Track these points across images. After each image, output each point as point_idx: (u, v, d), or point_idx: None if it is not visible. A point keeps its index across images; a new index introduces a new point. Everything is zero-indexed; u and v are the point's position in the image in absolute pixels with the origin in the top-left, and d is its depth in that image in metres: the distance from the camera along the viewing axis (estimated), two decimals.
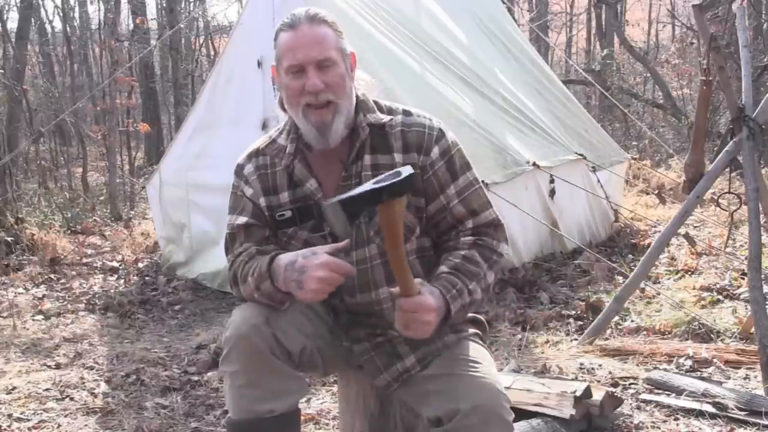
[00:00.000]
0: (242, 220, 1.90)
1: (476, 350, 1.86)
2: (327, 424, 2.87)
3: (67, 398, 3.23)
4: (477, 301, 1.80)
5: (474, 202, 1.86)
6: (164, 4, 14.20)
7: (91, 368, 3.66)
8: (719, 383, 3.03)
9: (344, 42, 1.82)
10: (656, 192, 7.20)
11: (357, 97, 1.87)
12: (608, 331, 3.82)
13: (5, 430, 2.88)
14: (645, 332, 3.84)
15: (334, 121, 1.78)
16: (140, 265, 5.95)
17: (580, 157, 5.82)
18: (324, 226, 1.85)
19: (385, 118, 1.86)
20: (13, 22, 11.17)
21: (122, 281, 5.55)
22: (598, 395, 2.65)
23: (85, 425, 2.96)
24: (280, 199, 1.88)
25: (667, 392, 2.98)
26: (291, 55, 1.76)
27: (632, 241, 5.96)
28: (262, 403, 1.77)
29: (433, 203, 1.85)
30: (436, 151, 1.84)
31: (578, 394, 2.59)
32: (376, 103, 1.90)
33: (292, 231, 1.88)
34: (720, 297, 4.34)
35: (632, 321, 4.04)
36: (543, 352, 3.57)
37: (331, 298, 1.80)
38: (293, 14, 1.80)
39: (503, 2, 7.83)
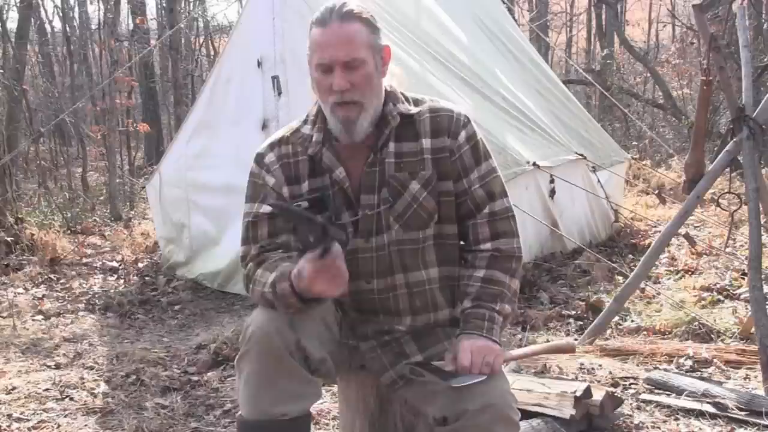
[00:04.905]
0: (267, 209, 1.89)
1: None
2: (327, 424, 2.87)
3: (67, 398, 3.23)
4: (509, 314, 1.90)
5: (494, 187, 1.92)
6: (164, 4, 14.17)
7: (91, 368, 3.66)
8: (719, 383, 3.03)
9: (377, 37, 1.81)
10: (656, 192, 7.19)
11: (385, 89, 1.88)
12: (608, 331, 3.82)
13: (5, 430, 2.88)
14: (645, 332, 3.84)
15: (359, 119, 1.80)
16: (140, 265, 5.95)
17: (580, 157, 5.81)
18: (341, 216, 1.83)
19: (413, 109, 1.89)
20: (13, 22, 11.12)
21: (122, 281, 5.55)
22: (598, 395, 2.65)
23: (85, 425, 2.96)
24: (301, 189, 1.89)
25: (667, 392, 2.98)
26: (319, 53, 1.77)
27: (632, 241, 5.96)
28: (277, 405, 1.74)
29: (454, 186, 1.89)
30: (462, 135, 1.89)
31: (578, 394, 2.59)
32: (403, 94, 1.93)
33: None
34: (720, 297, 4.34)
35: (632, 321, 4.04)
36: None
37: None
38: (327, 8, 1.79)
39: (503, 2, 7.83)
